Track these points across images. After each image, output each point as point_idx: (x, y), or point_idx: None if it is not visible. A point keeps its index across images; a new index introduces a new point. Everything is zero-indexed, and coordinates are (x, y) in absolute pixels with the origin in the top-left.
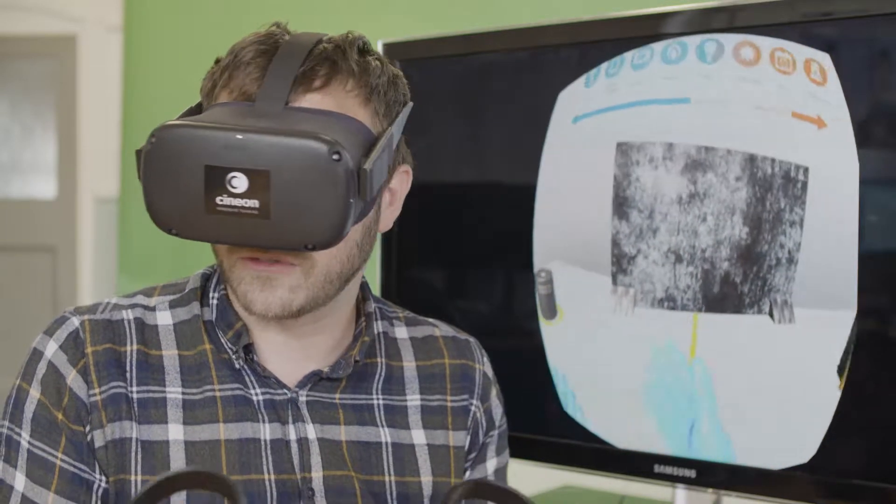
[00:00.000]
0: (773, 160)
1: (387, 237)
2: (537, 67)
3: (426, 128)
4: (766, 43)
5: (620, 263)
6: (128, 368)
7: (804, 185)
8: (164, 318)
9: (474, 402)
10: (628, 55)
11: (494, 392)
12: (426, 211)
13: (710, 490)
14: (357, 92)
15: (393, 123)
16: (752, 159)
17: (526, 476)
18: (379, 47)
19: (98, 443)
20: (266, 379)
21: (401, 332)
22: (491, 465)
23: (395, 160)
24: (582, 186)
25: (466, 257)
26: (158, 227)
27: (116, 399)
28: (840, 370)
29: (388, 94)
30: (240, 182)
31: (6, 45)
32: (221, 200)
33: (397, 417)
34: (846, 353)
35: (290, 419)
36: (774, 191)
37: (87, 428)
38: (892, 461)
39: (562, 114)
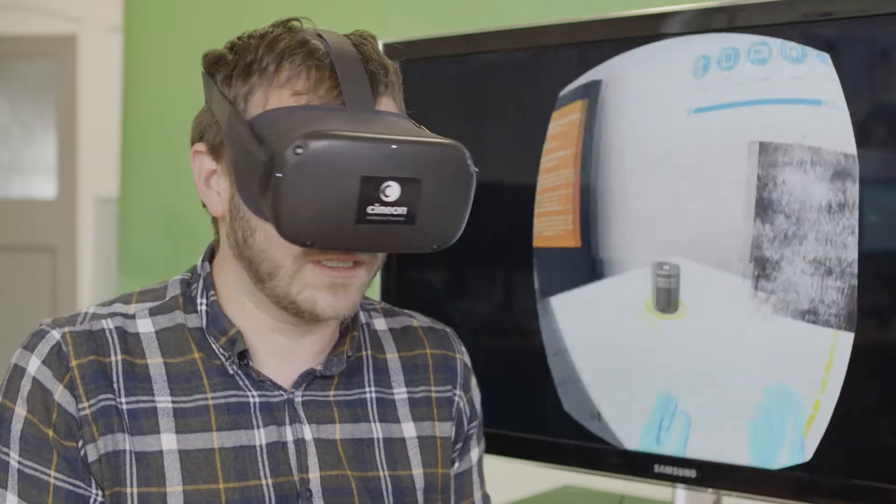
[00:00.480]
0: None
1: None
2: (537, 67)
3: (426, 128)
4: None
5: (764, 268)
6: (115, 379)
7: None
8: (145, 326)
9: (457, 392)
10: (742, 47)
11: (474, 381)
12: None
13: (710, 490)
14: (398, 93)
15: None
16: None
17: (526, 476)
18: (379, 47)
19: (91, 457)
20: (261, 383)
21: (380, 324)
22: (475, 454)
23: None
24: (710, 182)
25: (466, 257)
26: (290, 240)
27: (106, 412)
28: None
29: (402, 94)
30: (393, 191)
31: (6, 45)
32: (373, 209)
33: (388, 411)
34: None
35: (287, 420)
36: None
37: (80, 443)
38: (892, 461)
39: (668, 103)
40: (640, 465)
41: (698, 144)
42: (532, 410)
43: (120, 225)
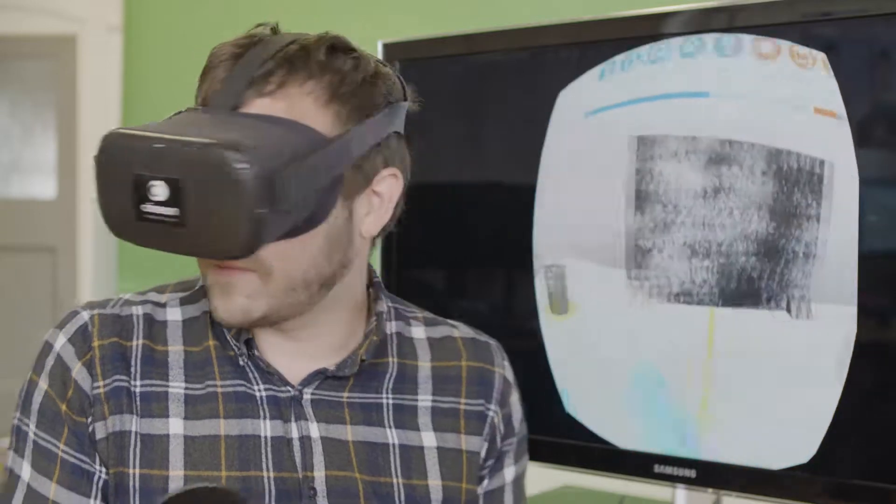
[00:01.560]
0: (797, 154)
1: (387, 237)
2: (537, 67)
3: (426, 128)
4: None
5: (636, 258)
6: (132, 363)
7: (821, 178)
8: (174, 315)
9: (492, 407)
10: (644, 50)
11: (514, 397)
12: (426, 211)
13: (710, 490)
14: (317, 94)
15: (363, 125)
16: (776, 153)
17: (526, 476)
18: (379, 47)
19: (99, 434)
20: (270, 375)
21: (418, 333)
22: (509, 473)
23: (372, 163)
24: (596, 181)
25: (466, 257)
26: (109, 230)
27: (118, 392)
28: (840, 367)
29: (358, 95)
30: (159, 190)
31: (6, 45)
32: (146, 208)
33: (406, 418)
34: (849, 350)
35: (293, 417)
36: (801, 185)
37: (90, 420)
38: (892, 461)
39: (572, 109)
40: (640, 465)
41: (589, 146)
42: (532, 411)
43: None
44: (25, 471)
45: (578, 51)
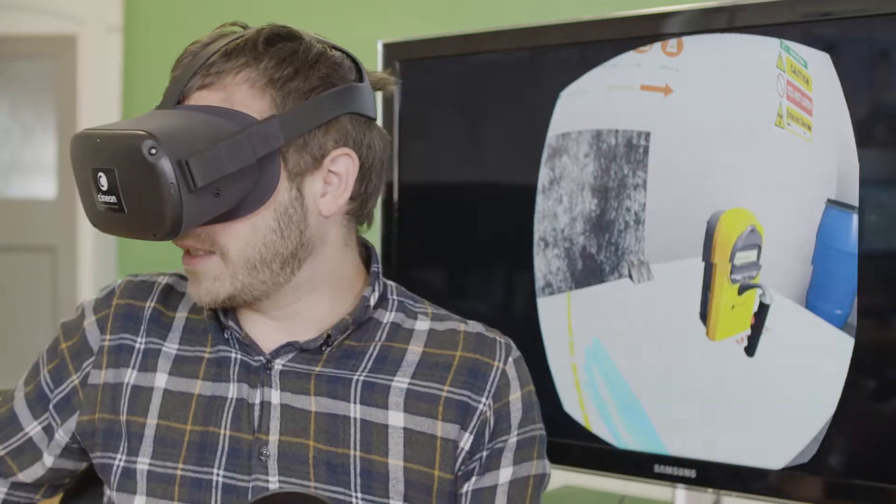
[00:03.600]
0: (616, 131)
1: (387, 237)
2: (537, 67)
3: (426, 128)
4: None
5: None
6: (142, 322)
7: (646, 149)
8: None
9: (483, 399)
10: None
11: (515, 395)
12: (426, 211)
13: (710, 490)
14: (252, 81)
15: (300, 107)
16: (597, 134)
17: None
18: (379, 47)
19: (94, 380)
20: (246, 346)
21: (420, 325)
22: (505, 474)
23: (320, 143)
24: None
25: (466, 257)
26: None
27: (121, 349)
28: (702, 317)
29: (295, 79)
30: (103, 181)
31: (6, 45)
32: (99, 198)
33: (375, 396)
34: (704, 300)
35: (260, 384)
36: (618, 159)
37: (88, 365)
38: (892, 461)
39: None
40: (640, 465)
41: None
42: None
43: None
44: (19, 387)
45: (578, 51)
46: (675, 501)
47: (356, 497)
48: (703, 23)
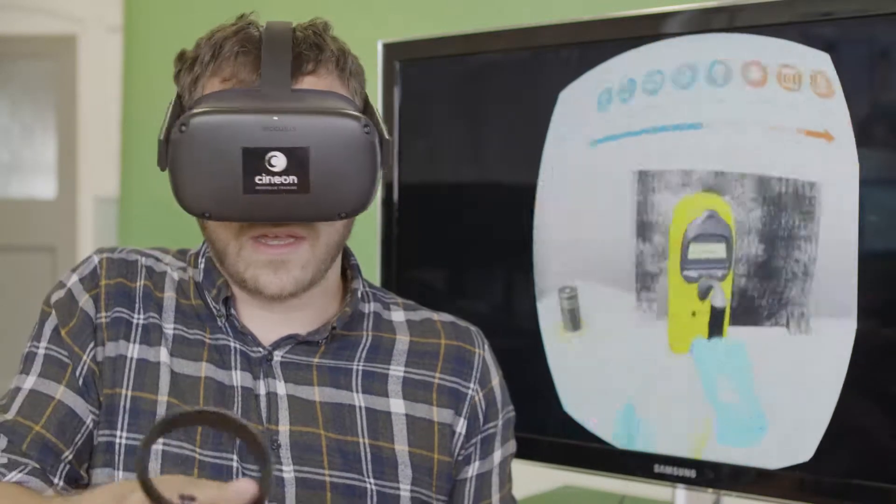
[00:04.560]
0: (783, 179)
1: (387, 237)
2: (537, 67)
3: (426, 128)
4: (772, 61)
5: (644, 281)
6: (136, 300)
7: (812, 200)
8: (171, 271)
9: (471, 385)
10: (639, 79)
11: (496, 380)
12: (426, 211)
13: (710, 490)
14: (338, 73)
15: (367, 98)
16: (763, 180)
17: (526, 476)
18: (379, 47)
19: (99, 357)
20: (244, 336)
21: (397, 316)
22: (497, 455)
23: None
24: (603, 210)
25: (466, 257)
26: (190, 213)
27: (118, 322)
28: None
29: (358, 73)
30: (279, 161)
31: (6, 45)
32: (261, 180)
33: (375, 384)
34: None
35: (262, 375)
36: (788, 209)
37: (92, 345)
38: (892, 461)
39: (578, 136)
40: (640, 465)
41: (594, 174)
42: (532, 410)
43: (120, 225)
44: (29, 381)
45: (578, 51)
46: (675, 501)
47: (370, 483)
48: (703, 23)
